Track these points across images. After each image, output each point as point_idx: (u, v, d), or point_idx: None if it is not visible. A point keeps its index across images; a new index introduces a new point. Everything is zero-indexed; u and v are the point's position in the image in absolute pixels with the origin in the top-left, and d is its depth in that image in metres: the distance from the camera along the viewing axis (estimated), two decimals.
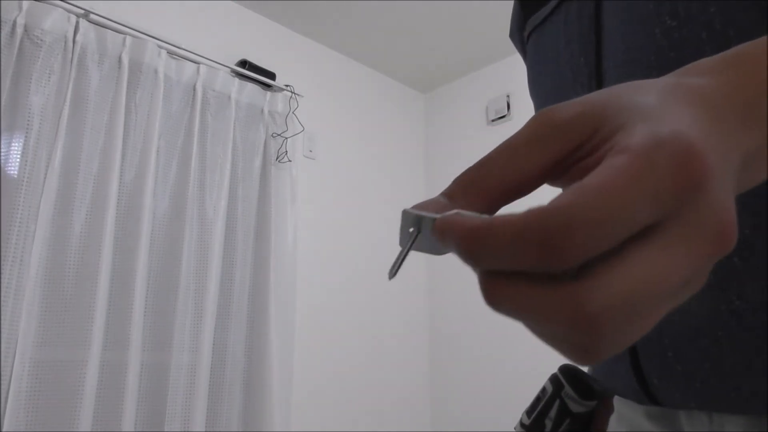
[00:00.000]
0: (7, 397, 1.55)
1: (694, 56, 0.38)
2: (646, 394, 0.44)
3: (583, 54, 0.47)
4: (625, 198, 0.18)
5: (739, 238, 0.37)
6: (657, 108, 0.21)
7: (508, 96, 2.77)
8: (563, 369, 0.62)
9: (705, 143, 0.20)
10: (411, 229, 0.23)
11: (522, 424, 0.63)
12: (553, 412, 0.60)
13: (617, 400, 0.54)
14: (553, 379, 0.62)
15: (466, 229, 0.20)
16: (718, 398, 0.38)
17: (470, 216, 0.20)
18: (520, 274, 0.20)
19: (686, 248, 0.19)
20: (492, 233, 0.19)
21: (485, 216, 0.20)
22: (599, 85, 0.46)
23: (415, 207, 0.24)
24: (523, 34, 0.62)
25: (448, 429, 2.70)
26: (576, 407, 0.60)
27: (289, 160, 2.37)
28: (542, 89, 0.54)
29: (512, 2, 2.24)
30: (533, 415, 0.62)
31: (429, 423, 2.78)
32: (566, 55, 0.49)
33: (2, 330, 1.56)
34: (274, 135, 2.36)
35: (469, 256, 0.20)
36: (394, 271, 0.24)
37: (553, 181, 0.24)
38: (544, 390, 0.63)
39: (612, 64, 0.44)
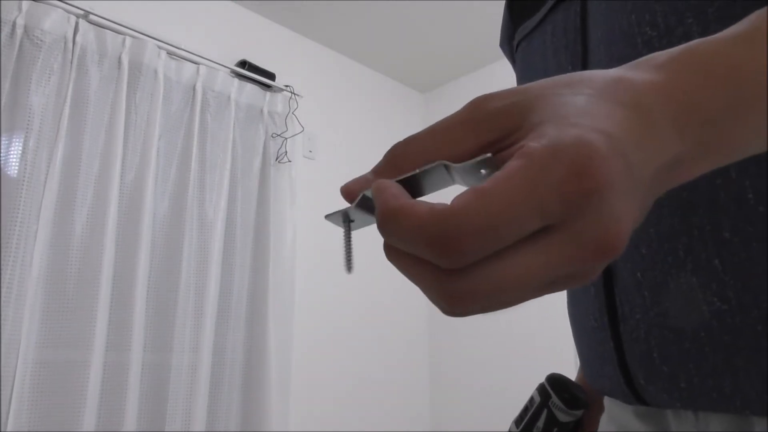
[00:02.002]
0: (10, 398, 1.55)
1: None
2: (634, 395, 0.45)
3: (571, 63, 0.48)
4: (514, 208, 0.19)
5: (719, 240, 0.38)
6: (580, 109, 0.21)
7: None
8: (550, 379, 0.63)
9: (611, 151, 0.20)
10: (343, 222, 0.26)
11: None
12: (541, 422, 0.61)
13: (607, 400, 0.55)
14: (541, 389, 0.63)
15: (386, 207, 0.21)
16: (701, 397, 0.39)
17: (400, 193, 0.22)
18: None
19: (564, 255, 0.20)
20: (400, 219, 0.21)
21: (409, 199, 0.22)
22: None
23: (343, 186, 0.26)
24: (512, 43, 0.63)
25: (448, 429, 2.70)
26: (563, 417, 0.61)
27: (289, 161, 2.37)
28: None
29: (504, 4, 2.25)
30: (522, 425, 0.62)
31: (429, 423, 2.79)
32: (554, 64, 0.51)
33: (5, 331, 1.56)
34: (274, 135, 2.36)
35: (381, 231, 0.22)
36: (349, 265, 0.26)
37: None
38: (531, 400, 0.63)
39: None
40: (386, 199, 0.22)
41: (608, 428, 0.53)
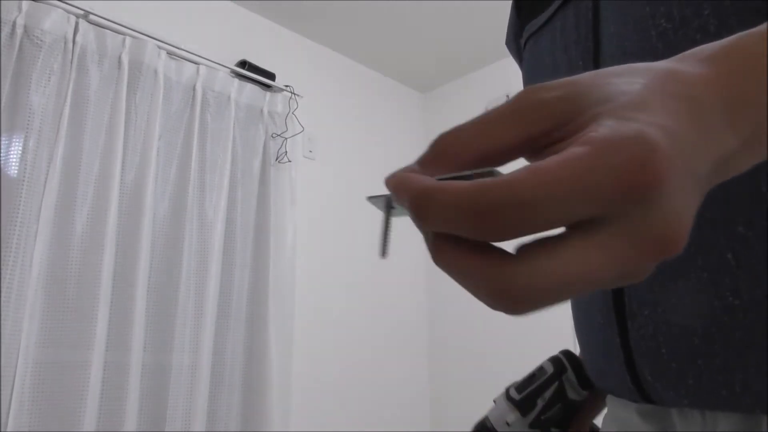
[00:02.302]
0: (10, 398, 1.55)
1: None
2: (640, 392, 0.44)
3: (582, 59, 0.48)
4: (565, 188, 0.19)
5: (732, 234, 0.37)
6: (637, 100, 0.21)
7: (507, 96, 2.78)
8: (566, 353, 0.61)
9: (671, 146, 0.20)
10: (385, 208, 0.25)
11: (510, 398, 0.59)
12: (548, 394, 0.58)
13: (610, 400, 0.54)
14: (555, 361, 0.60)
15: (416, 187, 0.21)
16: (709, 395, 0.39)
17: (425, 177, 0.22)
18: (464, 240, 0.21)
19: (623, 250, 0.20)
20: (438, 195, 0.20)
21: (429, 178, 0.21)
22: None
23: (390, 174, 0.25)
24: (519, 41, 0.63)
25: (448, 429, 2.70)
26: (572, 394, 0.58)
27: (289, 161, 2.37)
28: None
29: (511, 3, 2.25)
30: (525, 392, 0.58)
31: (429, 423, 2.79)
32: (563, 60, 0.50)
33: (5, 331, 1.56)
34: (274, 135, 2.36)
35: (416, 214, 0.21)
36: (383, 249, 0.26)
37: (529, 157, 0.24)
38: (542, 369, 0.60)
39: None
40: (415, 180, 0.21)
41: (611, 428, 0.52)
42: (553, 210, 0.19)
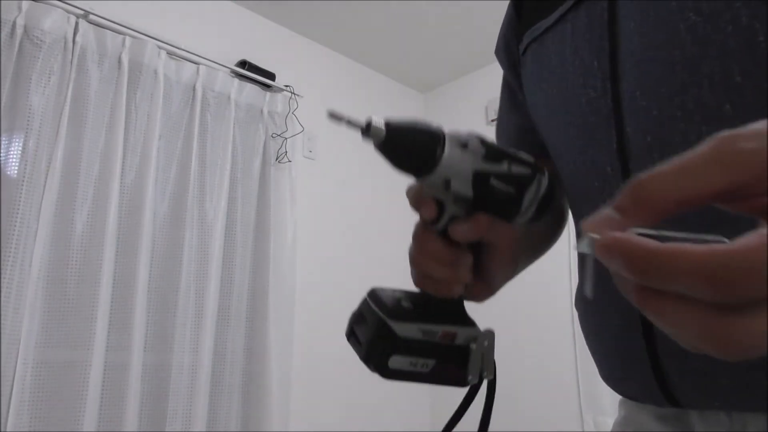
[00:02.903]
0: (10, 398, 1.55)
1: (718, 50, 0.39)
2: (665, 395, 0.43)
3: (596, 58, 0.48)
4: None
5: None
6: None
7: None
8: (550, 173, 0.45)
9: None
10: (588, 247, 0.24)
11: (471, 147, 0.43)
12: (513, 179, 0.43)
13: (625, 404, 0.54)
14: (537, 162, 0.44)
15: (641, 250, 0.21)
16: (739, 395, 0.38)
17: (640, 238, 0.22)
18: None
19: None
20: (669, 260, 0.20)
21: (653, 240, 0.21)
22: (614, 86, 0.46)
23: (589, 220, 0.24)
24: (518, 46, 0.62)
25: None
26: (525, 207, 0.44)
27: (289, 161, 2.37)
28: (546, 95, 0.55)
29: (507, 10, 2.25)
30: (499, 155, 0.43)
31: (429, 423, 2.78)
32: (575, 61, 0.50)
33: (5, 331, 1.56)
34: (274, 135, 2.36)
35: (640, 276, 0.21)
36: (591, 288, 0.26)
37: (727, 204, 0.24)
38: (527, 164, 0.44)
39: (629, 65, 0.45)
40: (641, 243, 0.21)
41: (626, 428, 0.52)
42: None
